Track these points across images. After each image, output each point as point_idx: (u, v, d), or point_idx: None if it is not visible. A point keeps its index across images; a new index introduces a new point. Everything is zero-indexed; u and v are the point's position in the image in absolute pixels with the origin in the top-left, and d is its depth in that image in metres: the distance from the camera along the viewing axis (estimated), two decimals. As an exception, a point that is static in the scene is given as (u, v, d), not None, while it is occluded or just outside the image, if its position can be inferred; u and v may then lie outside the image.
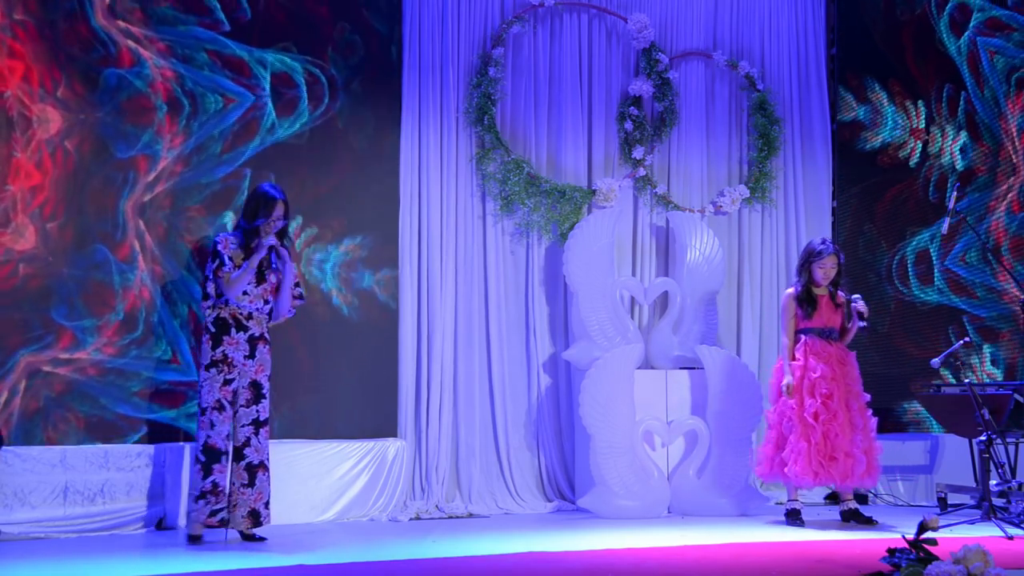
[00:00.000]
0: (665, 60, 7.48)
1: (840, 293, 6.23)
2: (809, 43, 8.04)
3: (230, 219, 6.26)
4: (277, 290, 5.57)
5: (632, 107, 7.41)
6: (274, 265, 5.54)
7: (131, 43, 6.12)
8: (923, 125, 7.46)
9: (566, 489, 7.04)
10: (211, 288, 5.46)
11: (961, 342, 6.52)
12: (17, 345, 5.71)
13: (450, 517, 6.52)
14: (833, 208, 8.02)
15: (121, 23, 6.10)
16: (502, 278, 7.14)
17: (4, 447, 5.53)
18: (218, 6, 6.39)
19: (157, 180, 6.13)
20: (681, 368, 7.01)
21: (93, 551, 5.21)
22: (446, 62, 7.08)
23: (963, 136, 7.12)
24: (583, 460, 6.77)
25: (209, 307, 5.46)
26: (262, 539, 5.40)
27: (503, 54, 7.19)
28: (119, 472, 5.80)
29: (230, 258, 5.42)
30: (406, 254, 6.88)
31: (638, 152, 7.37)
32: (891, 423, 7.49)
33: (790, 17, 8.02)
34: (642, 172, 7.43)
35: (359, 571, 4.57)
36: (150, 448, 5.89)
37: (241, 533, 5.41)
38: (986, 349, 6.91)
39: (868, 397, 6.15)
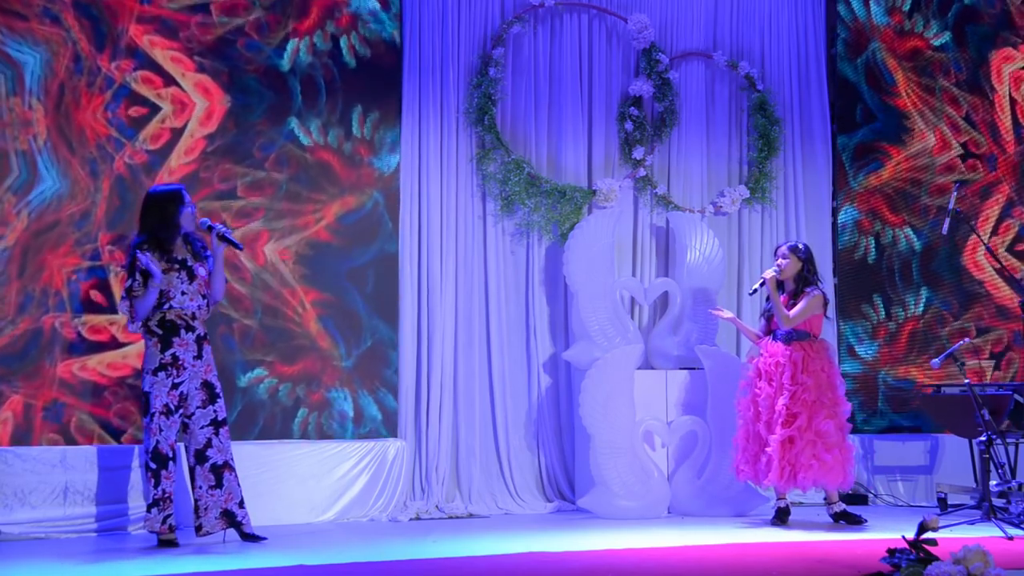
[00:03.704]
0: (665, 60, 7.47)
1: (807, 290, 6.21)
2: (809, 43, 8.02)
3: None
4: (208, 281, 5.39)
5: (632, 107, 7.41)
6: (206, 255, 5.39)
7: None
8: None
9: (566, 489, 7.03)
10: (123, 307, 5.24)
11: (961, 342, 6.52)
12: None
13: (450, 517, 6.52)
14: (833, 208, 8.01)
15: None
16: (502, 278, 7.13)
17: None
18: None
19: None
20: (681, 368, 7.01)
21: (93, 551, 5.21)
22: (446, 62, 7.07)
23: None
24: (583, 460, 6.76)
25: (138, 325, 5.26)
26: (263, 538, 5.37)
27: (503, 54, 7.18)
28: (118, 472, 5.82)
29: (142, 272, 5.19)
30: (406, 254, 6.87)
31: (638, 152, 7.36)
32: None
33: (790, 17, 8.00)
34: (642, 172, 7.42)
35: (359, 571, 4.58)
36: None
37: (241, 533, 5.39)
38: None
39: (848, 405, 6.14)
